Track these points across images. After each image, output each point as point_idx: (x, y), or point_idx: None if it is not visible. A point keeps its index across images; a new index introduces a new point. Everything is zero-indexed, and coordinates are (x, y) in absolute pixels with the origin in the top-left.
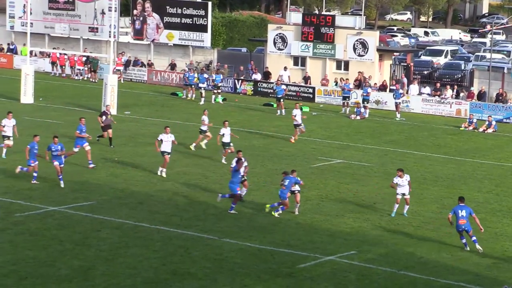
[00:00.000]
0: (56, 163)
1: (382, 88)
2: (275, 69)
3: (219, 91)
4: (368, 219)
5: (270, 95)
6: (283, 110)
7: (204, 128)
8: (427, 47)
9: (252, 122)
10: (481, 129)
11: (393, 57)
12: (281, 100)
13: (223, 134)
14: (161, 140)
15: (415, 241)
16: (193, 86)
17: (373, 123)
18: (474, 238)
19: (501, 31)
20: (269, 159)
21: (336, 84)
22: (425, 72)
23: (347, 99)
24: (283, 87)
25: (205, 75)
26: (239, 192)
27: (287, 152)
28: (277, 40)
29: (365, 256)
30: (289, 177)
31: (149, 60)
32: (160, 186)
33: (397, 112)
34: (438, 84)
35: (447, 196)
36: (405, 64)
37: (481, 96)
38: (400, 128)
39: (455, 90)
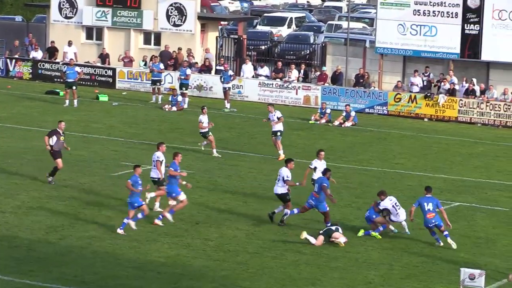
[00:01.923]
0: None
1: (206, 69)
2: (62, 44)
3: None
4: (189, 244)
5: (56, 79)
6: (76, 101)
7: (203, 130)
8: (265, 14)
9: (31, 116)
10: (336, 122)
11: (220, 27)
12: (73, 86)
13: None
14: None
15: (252, 273)
16: None
17: (194, 115)
18: (446, 232)
19: None
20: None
21: (145, 64)
22: (263, 47)
23: (159, 83)
24: (77, 69)
25: None
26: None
27: (78, 156)
28: (63, 4)
29: None
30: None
31: None
32: None
33: (226, 101)
34: (280, 63)
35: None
36: (236, 36)
37: (337, 78)
38: (230, 122)
39: (302, 71)
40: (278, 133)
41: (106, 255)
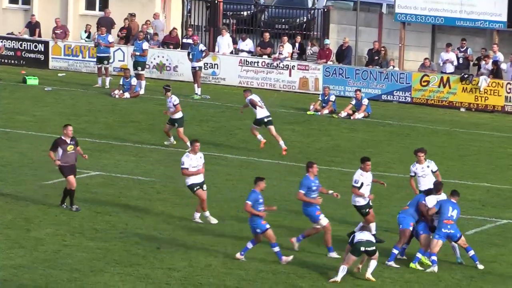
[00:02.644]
0: None
1: (170, 41)
2: None
3: None
4: (148, 276)
5: None
6: None
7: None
8: None
9: None
10: (344, 113)
11: None
12: None
13: None
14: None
15: None
16: None
17: (154, 104)
18: (471, 251)
19: None
20: None
21: (88, 37)
22: (244, 14)
23: (106, 62)
24: None
25: None
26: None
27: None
28: None
29: None
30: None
31: None
32: None
33: (195, 85)
34: (268, 35)
35: (285, 234)
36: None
37: (344, 55)
38: (202, 114)
39: (297, 45)
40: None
41: None
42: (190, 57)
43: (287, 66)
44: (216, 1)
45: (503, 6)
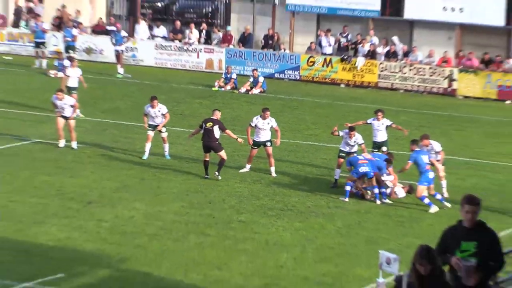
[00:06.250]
0: None
1: (96, 29)
2: None
3: None
4: (81, 226)
5: None
6: None
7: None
8: None
9: None
10: (243, 89)
11: None
12: None
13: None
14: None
15: (152, 257)
16: None
17: (86, 82)
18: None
19: None
20: None
21: (26, 25)
22: (159, 5)
23: (42, 46)
24: None
25: None
26: None
27: None
28: None
29: (79, 280)
30: None
31: None
32: None
33: (118, 66)
34: (179, 23)
35: (196, 190)
36: None
37: (246, 40)
38: (125, 90)
39: (204, 32)
40: None
41: None
42: (113, 41)
43: (195, 49)
44: None
45: None
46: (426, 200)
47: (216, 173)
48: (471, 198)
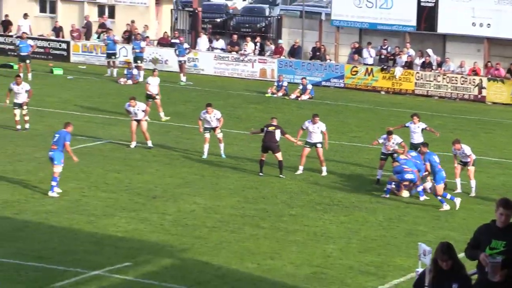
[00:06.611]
0: None
1: (162, 42)
2: (16, 18)
3: None
4: (146, 219)
5: (10, 53)
6: (30, 74)
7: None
8: None
9: None
10: (293, 96)
11: (175, 0)
12: (27, 60)
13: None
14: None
15: (211, 247)
16: None
17: None
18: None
19: None
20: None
21: (98, 37)
22: (218, 20)
23: (113, 57)
24: (30, 42)
25: None
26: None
27: (33, 130)
28: None
29: (144, 269)
30: None
31: None
32: None
33: (181, 74)
34: (236, 36)
35: (251, 187)
36: (191, 9)
37: (295, 52)
38: (186, 96)
39: (258, 44)
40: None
41: (63, 230)
42: (177, 53)
43: (250, 60)
44: (196, 11)
45: (413, 13)
46: (448, 196)
47: (281, 175)
48: (507, 202)
